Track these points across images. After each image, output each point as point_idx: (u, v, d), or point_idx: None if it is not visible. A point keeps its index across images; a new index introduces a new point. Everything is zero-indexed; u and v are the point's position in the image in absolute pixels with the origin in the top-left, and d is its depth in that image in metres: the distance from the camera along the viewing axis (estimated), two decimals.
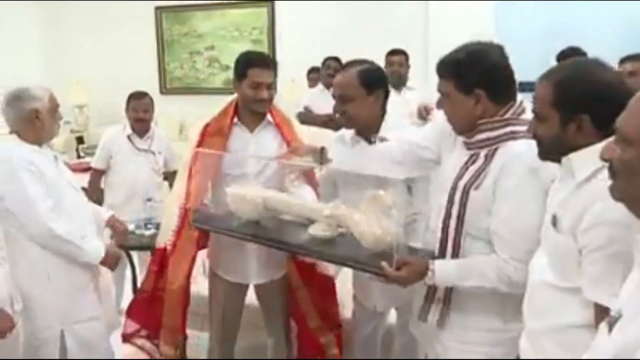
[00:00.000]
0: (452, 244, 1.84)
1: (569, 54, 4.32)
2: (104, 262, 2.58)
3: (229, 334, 2.82)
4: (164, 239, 2.66)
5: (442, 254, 1.88)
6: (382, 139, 2.32)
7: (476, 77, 1.75)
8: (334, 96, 2.37)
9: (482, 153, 1.78)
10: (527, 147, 1.65)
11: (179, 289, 2.60)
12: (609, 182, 1.12)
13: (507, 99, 1.76)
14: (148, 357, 2.83)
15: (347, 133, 2.45)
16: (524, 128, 1.67)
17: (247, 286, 2.76)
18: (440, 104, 1.91)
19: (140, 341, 2.85)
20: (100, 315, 2.68)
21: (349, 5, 7.33)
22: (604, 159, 1.12)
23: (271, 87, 2.50)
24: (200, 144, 2.56)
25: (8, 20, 8.03)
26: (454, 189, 1.83)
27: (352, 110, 2.29)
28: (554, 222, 1.47)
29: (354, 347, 2.76)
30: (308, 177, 2.58)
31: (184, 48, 8.65)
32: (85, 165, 5.07)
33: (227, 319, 2.78)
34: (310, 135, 2.67)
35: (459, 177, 1.83)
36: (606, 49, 4.75)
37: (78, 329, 2.56)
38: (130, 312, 2.84)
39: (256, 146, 2.56)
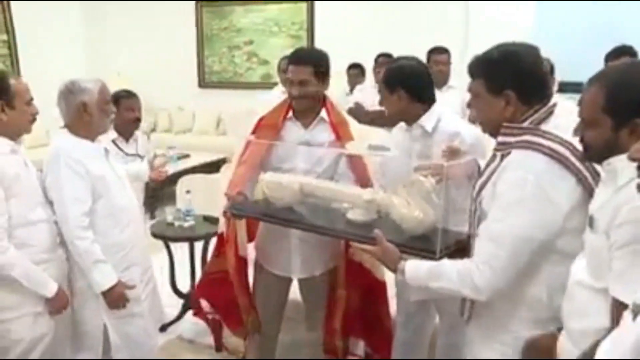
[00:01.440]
0: (473, 240, 1.84)
1: (620, 53, 4.21)
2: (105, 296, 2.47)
3: (271, 327, 2.85)
4: (221, 225, 2.75)
5: (466, 246, 1.89)
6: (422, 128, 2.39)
7: (506, 78, 1.72)
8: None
9: (499, 155, 1.78)
10: (529, 159, 1.65)
11: (233, 272, 2.69)
12: (638, 180, 1.13)
13: (537, 101, 1.74)
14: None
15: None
16: (538, 140, 1.66)
17: (290, 280, 2.77)
18: (470, 104, 1.90)
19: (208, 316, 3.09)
20: (145, 312, 2.68)
21: (388, 2, 7.30)
22: (632, 159, 1.14)
23: (304, 83, 2.47)
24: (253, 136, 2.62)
25: (55, 17, 8.27)
26: (473, 187, 1.85)
27: (385, 106, 2.48)
28: (591, 223, 1.47)
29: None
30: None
31: (223, 42, 8.75)
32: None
33: (269, 312, 2.81)
34: (360, 133, 2.65)
35: (480, 175, 1.85)
36: None
37: (121, 324, 2.58)
38: (198, 293, 2.98)
39: (309, 142, 2.56)
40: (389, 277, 2.71)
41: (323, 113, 2.57)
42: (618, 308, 1.33)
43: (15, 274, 2.22)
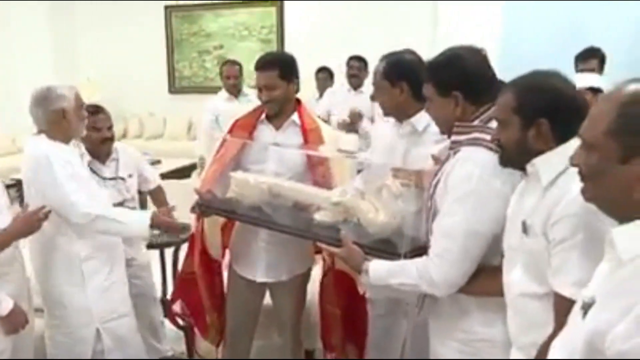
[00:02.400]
0: (427, 238, 1.88)
1: (588, 55, 4.31)
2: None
3: (242, 332, 2.84)
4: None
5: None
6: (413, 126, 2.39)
7: (452, 80, 1.81)
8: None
9: (452, 153, 1.84)
10: (475, 154, 1.72)
11: (199, 272, 2.70)
12: (580, 185, 1.21)
13: (485, 101, 1.80)
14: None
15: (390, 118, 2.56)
16: (488, 137, 1.72)
17: (263, 284, 2.76)
18: (427, 109, 1.97)
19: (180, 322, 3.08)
20: (131, 311, 2.75)
21: (357, 4, 7.36)
22: (573, 164, 1.22)
23: (271, 87, 2.49)
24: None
25: (20, 20, 8.12)
26: (429, 185, 1.90)
27: (381, 100, 2.46)
28: (525, 229, 1.50)
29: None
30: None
31: (193, 47, 8.72)
32: None
33: (240, 316, 2.80)
34: (331, 138, 2.66)
35: (436, 174, 1.89)
36: (617, 49, 4.78)
37: (113, 326, 2.62)
38: (174, 295, 2.94)
39: (279, 145, 2.56)
40: None
41: (295, 116, 2.59)
42: (559, 302, 1.38)
43: None
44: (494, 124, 1.72)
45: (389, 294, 2.14)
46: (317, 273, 2.79)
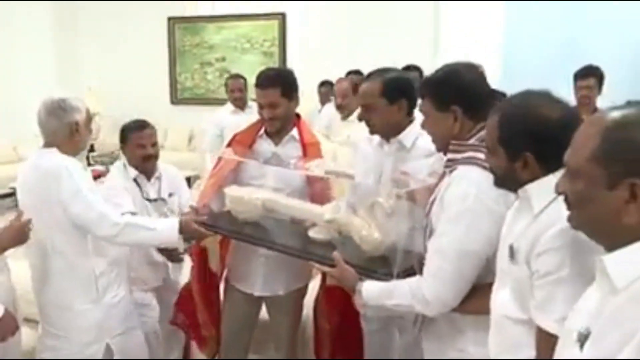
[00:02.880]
0: (422, 256, 1.87)
1: (587, 73, 4.32)
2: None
3: (237, 346, 2.82)
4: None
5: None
6: (400, 143, 2.35)
7: (451, 94, 1.81)
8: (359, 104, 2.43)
9: (448, 172, 1.83)
10: (471, 173, 1.70)
11: (195, 285, 2.69)
12: (567, 213, 1.18)
13: (483, 118, 1.76)
14: None
15: (375, 137, 2.49)
16: (481, 155, 1.69)
17: (259, 299, 2.76)
18: (423, 125, 1.95)
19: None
20: (138, 324, 2.71)
21: (359, 18, 7.40)
22: (558, 192, 1.19)
23: (274, 105, 2.47)
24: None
25: (23, 29, 8.16)
26: (426, 204, 1.88)
27: (375, 119, 2.33)
28: (512, 254, 1.47)
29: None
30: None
31: (196, 59, 8.75)
32: (95, 173, 5.09)
33: (235, 330, 2.78)
34: (330, 154, 2.65)
35: (433, 191, 1.88)
36: (617, 64, 4.79)
37: (122, 340, 2.58)
38: (177, 306, 2.89)
39: (278, 159, 2.55)
40: None
41: (294, 132, 2.59)
42: (543, 337, 1.35)
43: None
44: None
45: (385, 313, 2.13)
46: (314, 287, 2.77)
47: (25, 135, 6.54)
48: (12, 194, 4.21)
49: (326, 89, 6.21)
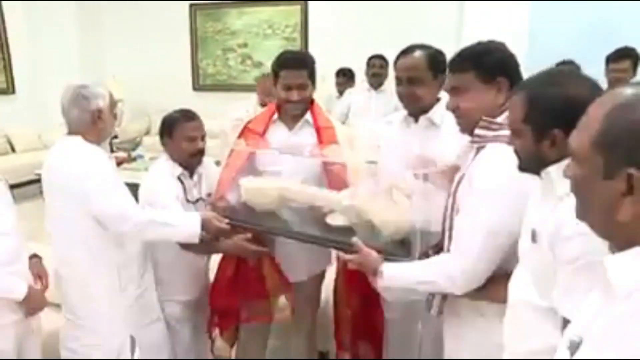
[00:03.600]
0: (448, 234, 1.83)
1: (621, 55, 4.20)
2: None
3: (258, 330, 2.82)
4: None
5: (442, 245, 1.88)
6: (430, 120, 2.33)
7: (499, 65, 1.76)
8: (398, 78, 2.34)
9: (475, 148, 1.79)
10: (499, 153, 1.65)
11: (222, 277, 2.68)
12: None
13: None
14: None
15: (397, 116, 2.47)
16: None
17: None
18: (449, 105, 1.88)
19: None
20: (161, 316, 2.73)
21: (382, 4, 7.31)
22: (566, 176, 1.08)
23: (303, 87, 2.46)
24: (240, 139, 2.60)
25: (47, 19, 8.22)
26: (452, 181, 1.85)
27: (420, 92, 2.30)
28: (534, 237, 1.42)
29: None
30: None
31: (218, 45, 8.74)
32: (118, 160, 5.13)
33: None
34: (346, 137, 2.59)
35: (459, 169, 1.85)
36: None
37: (145, 332, 2.61)
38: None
39: (295, 144, 2.51)
40: None
41: (308, 116, 2.56)
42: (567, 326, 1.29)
43: None
44: None
45: (405, 296, 2.10)
46: (331, 273, 2.77)
47: (49, 124, 6.64)
48: (37, 180, 4.27)
49: (342, 79, 6.25)
